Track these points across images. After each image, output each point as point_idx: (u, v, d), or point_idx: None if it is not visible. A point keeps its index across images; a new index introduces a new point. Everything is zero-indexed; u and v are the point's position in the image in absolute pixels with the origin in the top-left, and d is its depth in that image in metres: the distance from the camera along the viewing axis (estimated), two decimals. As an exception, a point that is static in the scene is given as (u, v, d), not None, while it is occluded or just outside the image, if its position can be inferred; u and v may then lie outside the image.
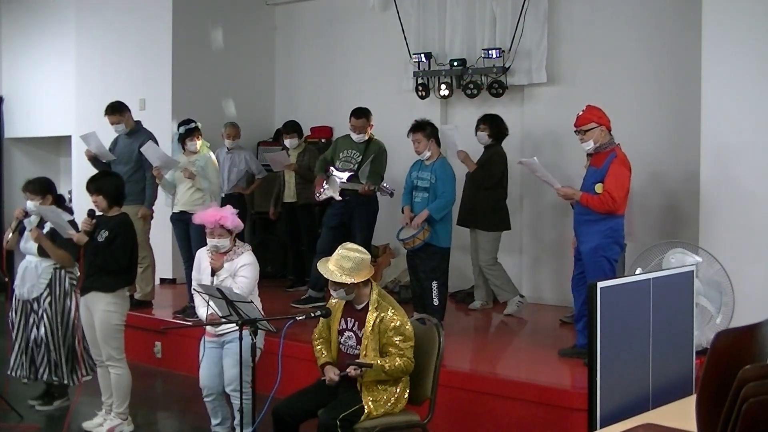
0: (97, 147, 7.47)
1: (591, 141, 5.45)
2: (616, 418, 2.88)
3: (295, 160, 8.23)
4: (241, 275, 4.93)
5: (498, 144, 7.31)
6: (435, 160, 6.48)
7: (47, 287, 5.74)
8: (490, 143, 7.29)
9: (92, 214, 5.33)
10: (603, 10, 7.61)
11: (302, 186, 8.19)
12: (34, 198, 5.73)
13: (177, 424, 5.95)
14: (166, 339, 7.06)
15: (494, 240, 7.30)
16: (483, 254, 7.29)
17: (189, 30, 9.15)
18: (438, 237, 6.39)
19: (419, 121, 6.60)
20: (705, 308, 5.09)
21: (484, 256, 7.28)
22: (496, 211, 7.27)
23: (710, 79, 5.96)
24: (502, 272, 7.32)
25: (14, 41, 10.96)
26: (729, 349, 2.14)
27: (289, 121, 8.50)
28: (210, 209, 5.15)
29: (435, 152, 6.50)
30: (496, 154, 7.25)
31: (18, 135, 11.04)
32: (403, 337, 4.25)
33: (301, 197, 8.22)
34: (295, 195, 8.27)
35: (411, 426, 4.37)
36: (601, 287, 2.94)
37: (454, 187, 6.43)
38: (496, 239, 7.31)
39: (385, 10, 8.85)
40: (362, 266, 4.28)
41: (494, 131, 7.27)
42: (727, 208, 5.88)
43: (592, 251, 5.44)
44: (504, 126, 7.35)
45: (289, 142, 8.34)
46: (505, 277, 7.34)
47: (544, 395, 5.09)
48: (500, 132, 7.32)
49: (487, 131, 7.27)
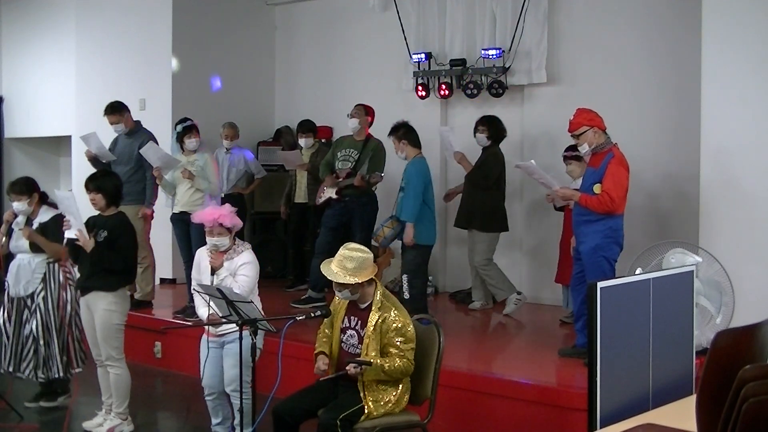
0: (98, 147, 7.47)
1: (585, 144, 5.46)
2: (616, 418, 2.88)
3: (308, 160, 8.17)
4: (241, 274, 4.93)
5: (495, 145, 7.32)
6: (409, 161, 6.68)
7: (42, 281, 5.74)
8: (488, 144, 7.29)
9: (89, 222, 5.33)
10: (603, 10, 7.61)
11: (314, 187, 8.08)
12: (21, 199, 5.73)
13: (177, 424, 5.94)
14: (166, 339, 7.06)
15: (490, 241, 7.30)
16: (477, 255, 7.29)
17: (189, 30, 9.15)
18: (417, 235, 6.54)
19: (394, 124, 6.85)
20: (705, 308, 5.09)
21: (478, 256, 7.29)
22: (493, 213, 7.28)
23: (710, 79, 5.96)
24: (496, 271, 7.32)
25: (14, 41, 10.97)
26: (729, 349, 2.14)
27: (305, 120, 8.44)
28: (208, 208, 5.15)
29: (410, 152, 6.70)
30: (491, 155, 7.26)
31: (18, 135, 11.04)
32: (405, 338, 4.25)
33: (312, 198, 8.13)
34: (306, 196, 8.22)
35: (411, 426, 4.37)
36: (601, 287, 2.94)
37: (418, 186, 6.51)
38: (492, 240, 7.31)
39: (385, 10, 8.85)
40: (365, 265, 4.28)
41: (493, 132, 7.28)
42: (727, 208, 5.87)
43: (592, 251, 5.44)
44: (502, 127, 7.36)
45: (304, 141, 8.29)
46: (500, 275, 7.33)
47: (544, 395, 5.09)
48: (499, 133, 7.33)
49: (485, 133, 7.28)
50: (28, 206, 5.73)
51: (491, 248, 7.32)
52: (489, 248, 7.31)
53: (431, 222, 6.67)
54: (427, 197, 6.64)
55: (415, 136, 6.80)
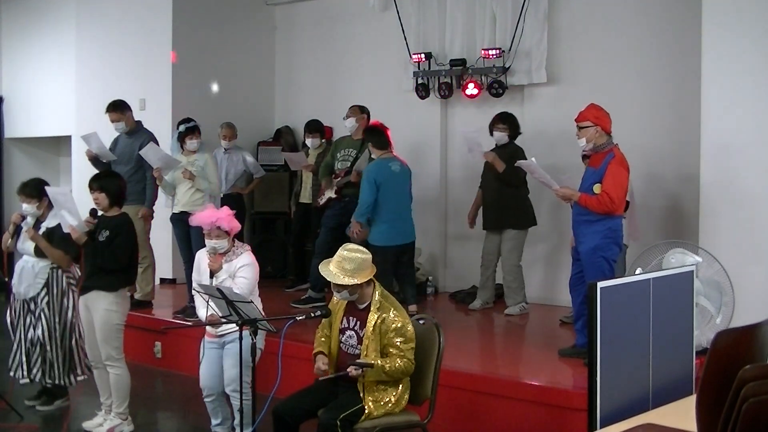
0: (98, 147, 7.47)
1: (584, 139, 5.46)
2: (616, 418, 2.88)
3: (314, 161, 8.15)
4: (240, 276, 4.92)
5: (513, 142, 7.32)
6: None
7: (44, 287, 5.73)
8: (507, 142, 7.29)
9: (94, 213, 5.33)
10: (603, 10, 7.61)
11: (318, 187, 8.11)
12: (30, 201, 5.72)
13: (177, 424, 5.95)
14: (166, 339, 7.06)
15: (520, 239, 7.29)
16: (511, 254, 7.23)
17: (189, 30, 9.15)
18: (371, 235, 6.83)
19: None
20: (705, 308, 5.09)
21: (512, 255, 7.23)
22: (523, 208, 7.28)
23: (710, 78, 5.96)
24: (521, 276, 7.32)
25: (14, 41, 10.96)
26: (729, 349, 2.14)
27: (312, 120, 8.41)
28: (206, 210, 5.14)
29: (375, 154, 6.94)
30: (519, 151, 7.19)
31: (18, 135, 11.03)
32: (405, 338, 4.24)
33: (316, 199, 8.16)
34: (311, 196, 8.21)
35: (411, 426, 4.37)
36: (601, 287, 2.94)
37: (366, 187, 6.74)
38: (522, 237, 7.31)
39: (385, 10, 8.84)
40: (364, 266, 4.28)
41: (512, 129, 7.29)
42: (727, 208, 5.87)
43: (591, 251, 5.44)
44: (518, 123, 7.39)
45: (310, 141, 8.27)
46: (522, 282, 7.34)
47: (544, 395, 5.09)
48: (516, 130, 7.34)
49: (507, 131, 7.27)
50: (37, 209, 5.72)
51: (521, 246, 7.31)
52: (520, 246, 7.29)
53: (385, 224, 6.77)
54: (384, 198, 6.75)
55: (379, 137, 6.89)
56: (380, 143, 6.89)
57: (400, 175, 6.91)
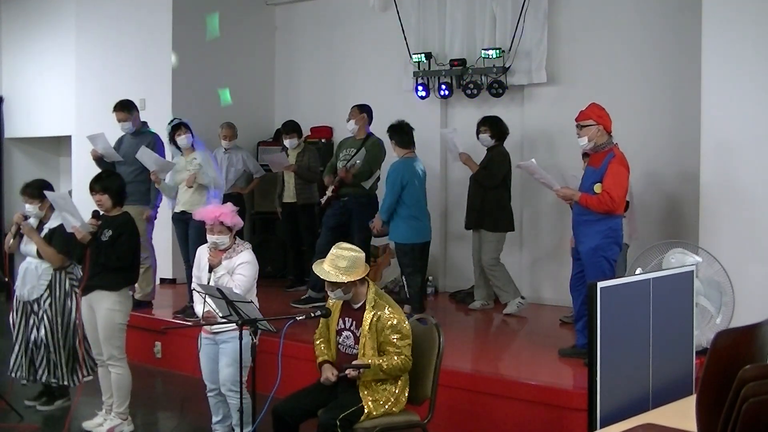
0: (105, 148, 7.46)
1: (585, 138, 5.47)
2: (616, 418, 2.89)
3: (294, 161, 8.20)
4: (238, 273, 4.93)
5: (500, 144, 7.32)
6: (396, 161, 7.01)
7: (47, 288, 5.73)
8: (493, 144, 7.30)
9: (97, 215, 5.34)
10: (603, 10, 7.61)
11: (302, 186, 8.19)
12: (32, 202, 5.72)
13: (177, 424, 5.94)
14: (166, 339, 7.06)
15: (498, 240, 7.30)
16: (486, 254, 7.28)
17: (189, 30, 9.14)
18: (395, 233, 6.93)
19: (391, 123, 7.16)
20: (705, 308, 5.09)
21: (486, 256, 7.27)
22: (501, 212, 7.28)
23: (710, 78, 5.96)
24: (504, 273, 7.32)
25: (14, 41, 10.96)
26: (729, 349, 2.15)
27: (289, 121, 8.48)
28: (210, 206, 5.16)
29: (398, 152, 7.00)
30: (498, 154, 7.25)
31: (18, 135, 11.03)
32: (401, 335, 4.25)
33: (300, 197, 8.22)
34: (295, 195, 8.26)
35: (411, 426, 4.37)
36: (601, 287, 2.94)
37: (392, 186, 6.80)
38: (500, 240, 7.31)
39: (385, 10, 8.85)
40: (357, 264, 4.28)
41: (495, 132, 7.28)
42: (727, 208, 5.87)
43: (592, 251, 5.44)
44: (504, 126, 7.36)
45: (288, 142, 8.32)
46: (507, 277, 7.34)
47: (544, 395, 5.09)
48: (501, 132, 7.33)
49: (488, 132, 7.28)
50: (40, 210, 5.73)
51: (499, 248, 7.32)
52: (497, 248, 7.31)
53: (409, 221, 6.84)
54: (407, 197, 6.78)
55: (403, 137, 6.93)
56: (403, 142, 6.94)
57: (423, 175, 7.00)
